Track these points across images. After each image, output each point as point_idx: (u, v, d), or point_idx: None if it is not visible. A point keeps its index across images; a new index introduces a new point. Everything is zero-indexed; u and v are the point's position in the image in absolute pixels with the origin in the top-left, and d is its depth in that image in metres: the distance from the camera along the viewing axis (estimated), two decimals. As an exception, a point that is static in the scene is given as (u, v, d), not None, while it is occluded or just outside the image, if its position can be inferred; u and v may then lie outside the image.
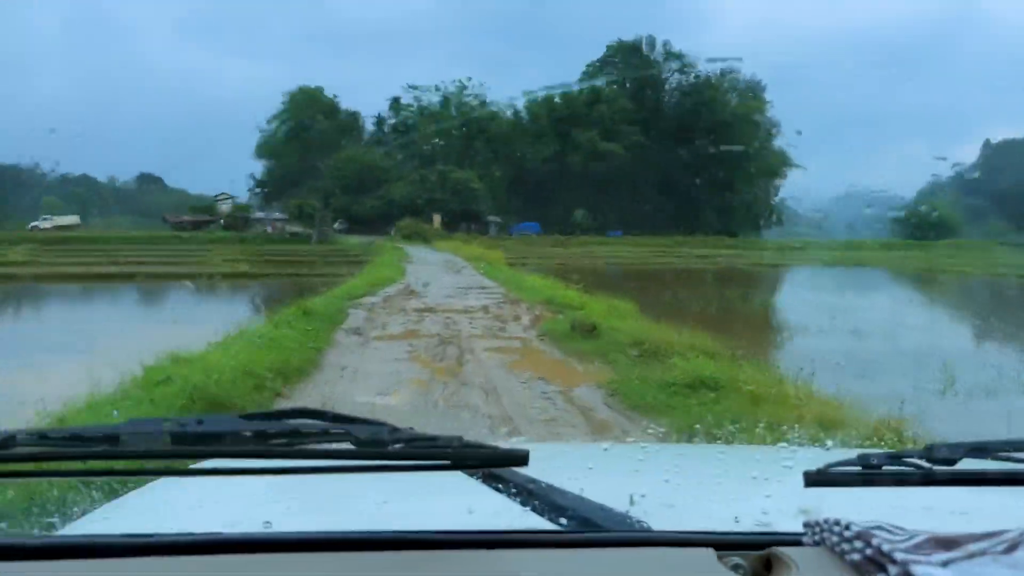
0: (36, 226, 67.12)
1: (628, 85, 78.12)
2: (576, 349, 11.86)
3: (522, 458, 1.02)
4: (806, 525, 1.03)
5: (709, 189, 74.46)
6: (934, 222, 77.38)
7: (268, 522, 1.18)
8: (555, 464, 1.37)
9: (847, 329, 16.70)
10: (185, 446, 1.00)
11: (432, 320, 15.00)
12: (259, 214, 68.11)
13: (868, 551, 0.89)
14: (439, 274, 28.56)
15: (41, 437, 1.00)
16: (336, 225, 67.91)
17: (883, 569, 0.86)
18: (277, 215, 70.26)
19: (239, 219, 67.40)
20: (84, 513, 1.63)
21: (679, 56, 76.53)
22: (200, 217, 69.29)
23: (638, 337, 11.95)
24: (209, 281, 34.23)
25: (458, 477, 1.13)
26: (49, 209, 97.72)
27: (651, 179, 74.14)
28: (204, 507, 1.42)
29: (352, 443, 1.00)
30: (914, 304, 28.39)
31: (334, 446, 1.02)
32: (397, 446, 1.00)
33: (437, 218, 66.79)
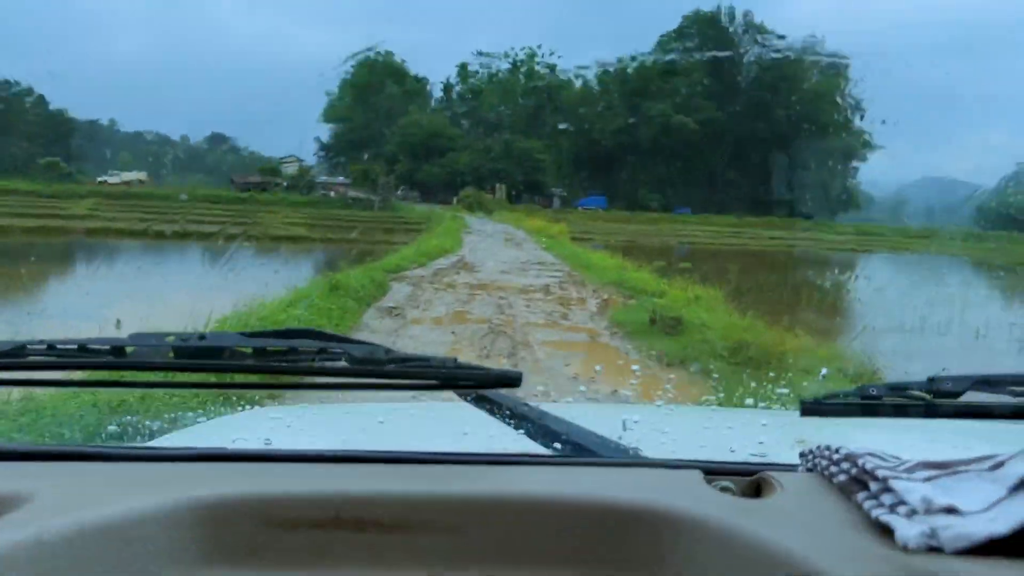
0: (104, 180, 66.94)
1: (704, 57, 74.33)
2: (657, 349, 9.57)
3: (515, 379, 1.02)
4: (801, 455, 1.01)
5: (784, 169, 70.61)
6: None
7: (268, 440, 1.18)
8: (548, 388, 1.34)
9: (972, 332, 14.04)
10: (187, 359, 1.02)
11: (484, 301, 12.91)
12: (322, 178, 66.75)
13: (853, 471, 0.90)
14: (497, 247, 26.44)
15: (49, 347, 1.02)
16: (399, 192, 66.53)
17: (866, 487, 0.87)
18: (340, 179, 68.99)
19: (302, 182, 66.25)
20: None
21: (760, 28, 72.44)
22: (265, 179, 68.41)
23: (733, 336, 9.60)
24: (260, 243, 32.85)
25: (453, 403, 1.16)
26: (123, 165, 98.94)
27: (723, 156, 70.69)
28: (207, 422, 1.41)
29: (348, 362, 1.01)
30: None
31: (330, 364, 1.02)
32: (391, 366, 1.00)
33: (501, 188, 64.60)
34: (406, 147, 68.08)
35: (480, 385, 1.11)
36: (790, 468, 1.00)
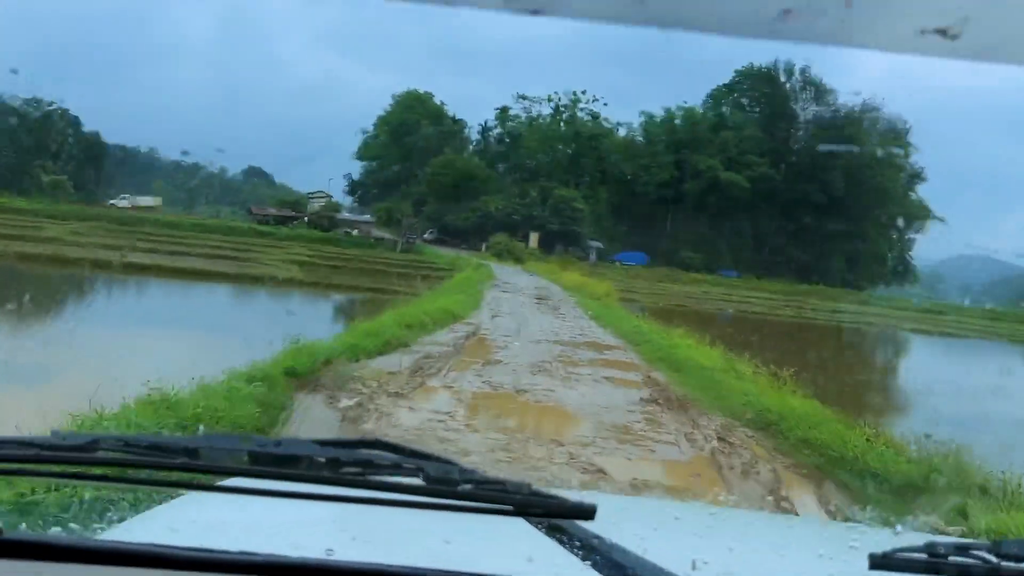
0: (114, 204, 61.14)
1: (758, 113, 67.38)
2: None
3: (589, 512, 0.99)
4: None
5: (838, 235, 62.97)
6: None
7: (331, 549, 1.14)
8: (622, 520, 1.35)
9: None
10: (262, 466, 0.98)
11: (497, 466, 5.69)
12: (344, 214, 60.49)
13: None
14: (529, 310, 19.19)
15: (124, 444, 1.00)
16: (427, 235, 60.16)
17: None
18: (366, 218, 62.67)
19: (325, 218, 59.99)
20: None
21: (818, 86, 65.44)
22: (284, 212, 62.35)
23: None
24: (240, 283, 26.15)
25: (522, 524, 1.12)
26: (155, 192, 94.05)
27: (774, 217, 63.32)
28: (268, 528, 1.38)
29: (422, 479, 0.98)
30: None
31: (404, 480, 1.00)
32: (466, 487, 0.98)
33: (534, 237, 57.70)
34: (436, 187, 61.68)
35: (554, 515, 1.07)
36: None
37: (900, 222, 65.64)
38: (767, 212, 63.60)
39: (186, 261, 31.79)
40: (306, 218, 60.62)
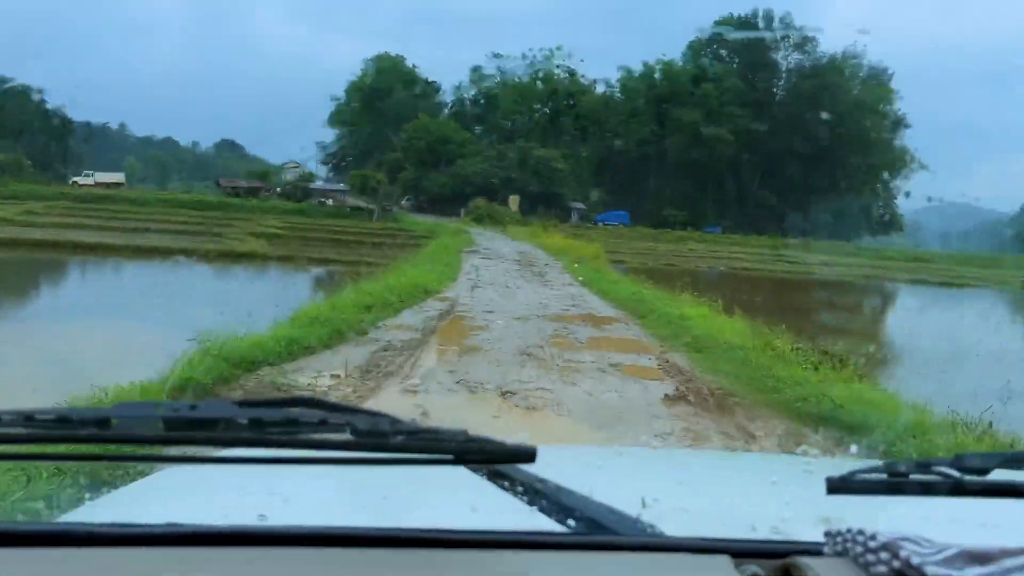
0: (76, 181, 57.90)
1: (737, 64, 64.77)
2: None
3: (529, 454, 0.95)
4: (827, 534, 0.94)
5: (824, 186, 60.96)
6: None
7: (263, 515, 1.09)
8: (563, 464, 1.29)
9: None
10: (178, 432, 0.92)
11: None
12: (318, 184, 57.79)
13: (895, 563, 0.83)
14: (512, 279, 16.93)
15: (27, 419, 0.93)
16: (403, 202, 57.51)
17: None
18: (341, 187, 59.93)
19: (298, 188, 57.15)
20: (74, 503, 1.42)
21: (800, 33, 62.80)
22: (254, 183, 59.49)
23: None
24: (212, 261, 23.80)
25: (462, 473, 1.05)
26: (128, 169, 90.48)
27: (757, 171, 61.10)
28: (196, 497, 1.29)
29: (352, 434, 0.93)
30: None
31: (333, 436, 0.94)
32: (398, 438, 0.93)
33: (514, 200, 55.24)
34: (412, 153, 59.00)
35: (494, 460, 1.03)
36: (816, 548, 0.93)
37: (885, 171, 63.70)
38: (751, 165, 61.47)
39: (144, 238, 29.32)
40: (278, 189, 58.03)
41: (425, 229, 40.07)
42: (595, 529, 1.02)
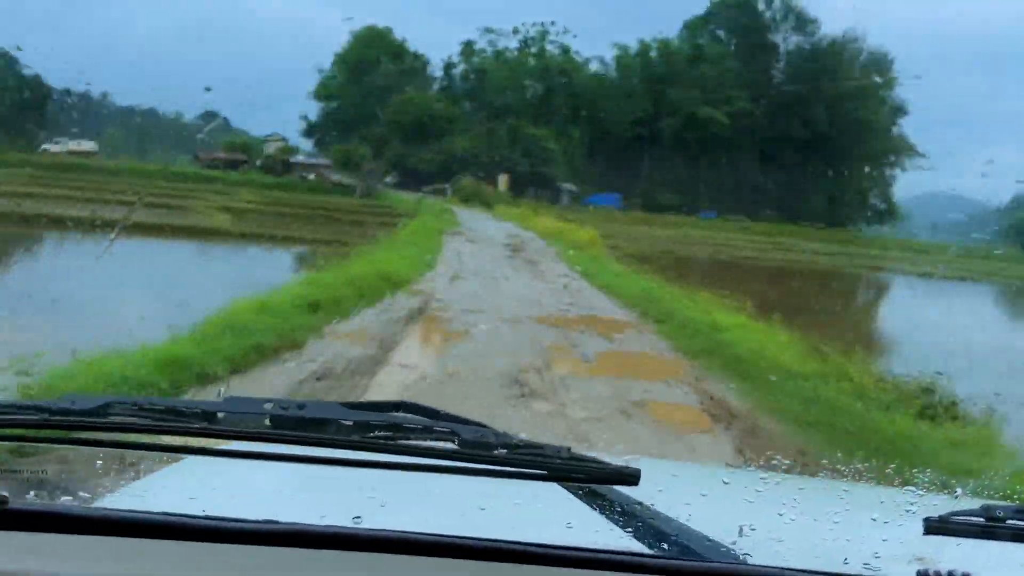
0: (46, 149, 54.82)
1: (735, 46, 62.23)
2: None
3: (632, 477, 0.92)
4: (919, 573, 0.91)
5: (821, 172, 58.81)
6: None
7: (358, 517, 1.07)
8: (667, 486, 1.26)
9: None
10: (285, 431, 0.91)
11: None
12: (299, 158, 55.19)
13: None
14: (500, 268, 14.51)
15: (138, 408, 0.92)
16: (388, 179, 54.97)
17: None
18: (324, 162, 57.29)
19: (279, 162, 54.41)
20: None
21: (800, 14, 60.35)
22: (234, 156, 56.63)
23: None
24: (166, 235, 21.32)
25: (561, 490, 1.05)
26: (108, 138, 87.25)
27: (754, 154, 58.73)
28: (292, 496, 1.28)
29: (456, 443, 0.92)
30: None
31: (436, 444, 0.94)
32: (502, 451, 0.91)
33: (504, 179, 52.78)
34: (397, 128, 56.32)
35: (596, 480, 0.99)
36: None
37: (884, 158, 61.60)
38: (747, 149, 59.12)
39: (100, 210, 26.58)
40: (258, 162, 55.43)
41: (408, 207, 37.89)
42: (687, 554, 0.97)
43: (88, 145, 59.22)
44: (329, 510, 1.06)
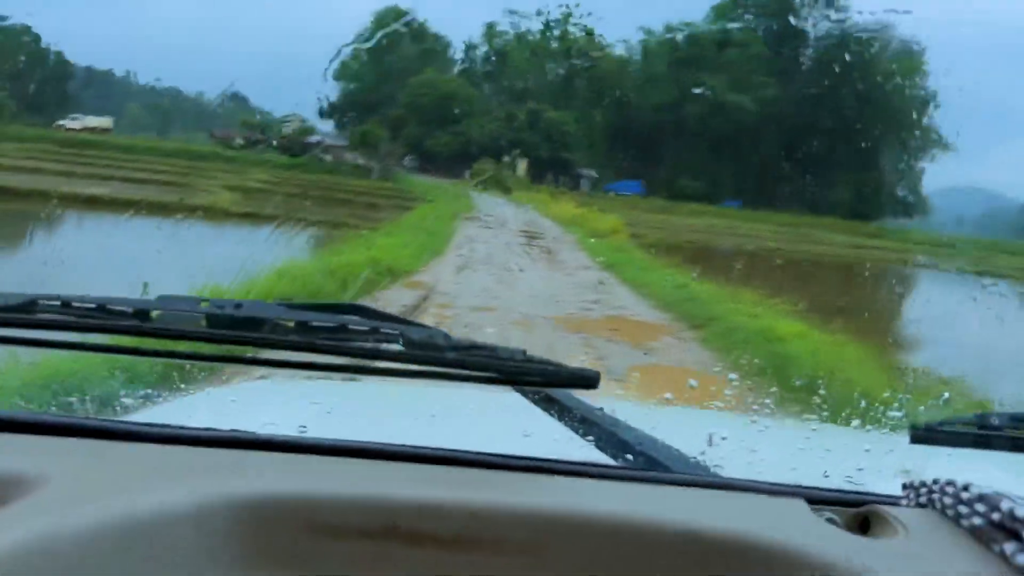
0: (62, 125, 54.10)
1: (763, 31, 60.09)
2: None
3: (591, 380, 0.87)
4: (906, 486, 0.87)
5: (848, 163, 56.76)
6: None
7: (304, 426, 1.03)
8: (626, 406, 1.15)
9: None
10: (220, 330, 0.86)
11: None
12: (315, 138, 54.01)
13: (995, 515, 0.73)
14: (516, 256, 13.21)
15: (64, 305, 0.88)
16: (406, 161, 53.70)
17: (1017, 536, 0.70)
18: (342, 142, 56.11)
19: (296, 142, 53.23)
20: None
21: (831, 2, 58.03)
22: (250, 135, 55.57)
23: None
24: (160, 213, 20.12)
25: (516, 397, 1.00)
26: (131, 116, 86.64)
27: (780, 143, 56.77)
28: (232, 402, 1.22)
29: (404, 345, 0.87)
30: None
31: (384, 347, 0.89)
32: (453, 354, 0.86)
33: (523, 164, 51.27)
34: (416, 110, 54.89)
35: (551, 383, 0.95)
36: (893, 501, 0.85)
37: (914, 150, 59.43)
38: (773, 138, 57.19)
39: (101, 186, 25.53)
40: (274, 141, 54.45)
41: (424, 190, 36.64)
42: (652, 466, 0.92)
43: (104, 122, 58.42)
44: (273, 418, 0.98)
